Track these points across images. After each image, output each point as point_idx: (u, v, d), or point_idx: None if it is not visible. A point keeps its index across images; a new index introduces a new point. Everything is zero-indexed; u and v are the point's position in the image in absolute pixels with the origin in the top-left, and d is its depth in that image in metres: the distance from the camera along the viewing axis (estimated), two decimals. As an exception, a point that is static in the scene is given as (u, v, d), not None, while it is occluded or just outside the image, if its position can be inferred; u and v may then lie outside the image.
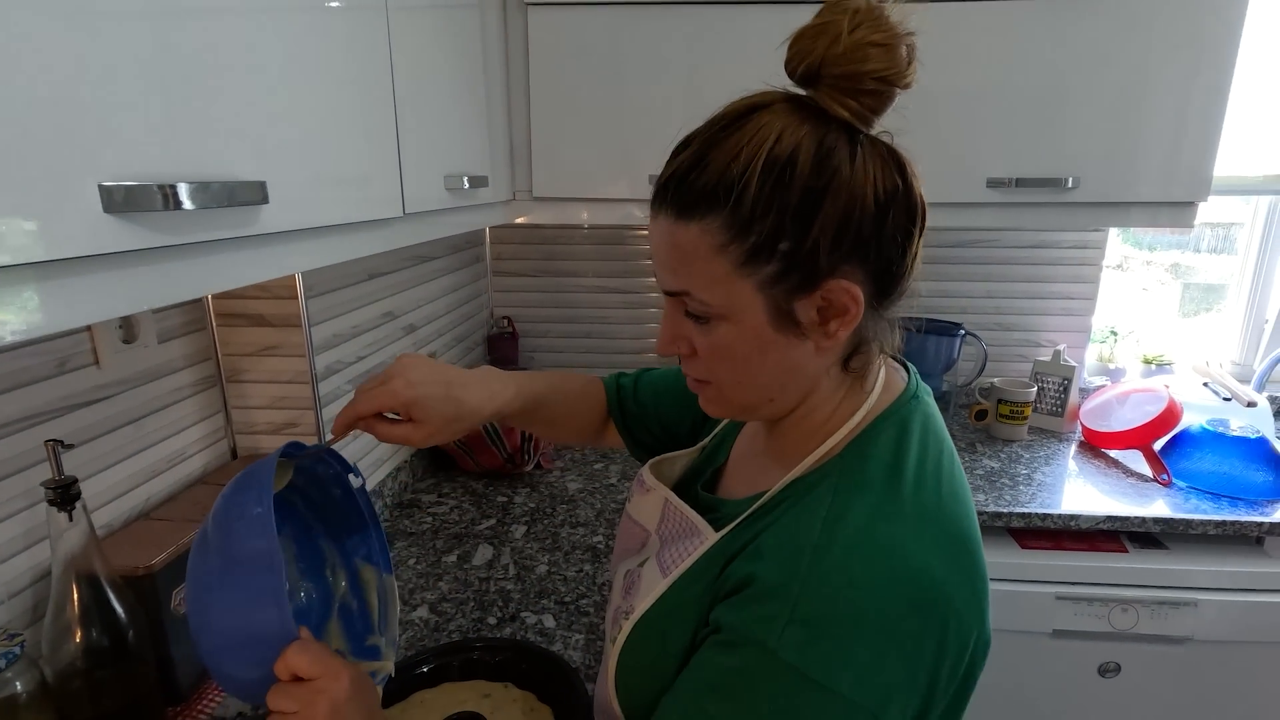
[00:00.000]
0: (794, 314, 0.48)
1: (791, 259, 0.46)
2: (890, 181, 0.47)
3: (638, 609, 0.56)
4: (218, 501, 0.53)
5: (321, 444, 0.64)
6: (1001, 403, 1.56)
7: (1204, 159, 1.28)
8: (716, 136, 0.48)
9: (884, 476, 0.49)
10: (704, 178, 0.46)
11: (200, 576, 0.51)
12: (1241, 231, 1.83)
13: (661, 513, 0.62)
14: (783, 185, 0.45)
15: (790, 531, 0.48)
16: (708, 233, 0.47)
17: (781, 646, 0.43)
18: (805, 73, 0.47)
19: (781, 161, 0.45)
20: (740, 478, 0.62)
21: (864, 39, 0.44)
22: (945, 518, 0.49)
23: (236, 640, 0.49)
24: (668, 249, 0.49)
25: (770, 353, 0.50)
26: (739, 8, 1.24)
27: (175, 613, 0.76)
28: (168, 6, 0.47)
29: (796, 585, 0.44)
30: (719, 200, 0.46)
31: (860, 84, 0.45)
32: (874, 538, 0.46)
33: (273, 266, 0.62)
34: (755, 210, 0.45)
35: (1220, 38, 1.22)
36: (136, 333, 0.83)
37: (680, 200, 0.48)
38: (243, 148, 0.55)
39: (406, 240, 0.88)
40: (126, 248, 0.44)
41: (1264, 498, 1.28)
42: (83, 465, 0.76)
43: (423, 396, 0.60)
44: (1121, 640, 1.22)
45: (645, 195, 1.35)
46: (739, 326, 0.49)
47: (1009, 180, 1.30)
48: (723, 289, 0.47)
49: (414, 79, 0.86)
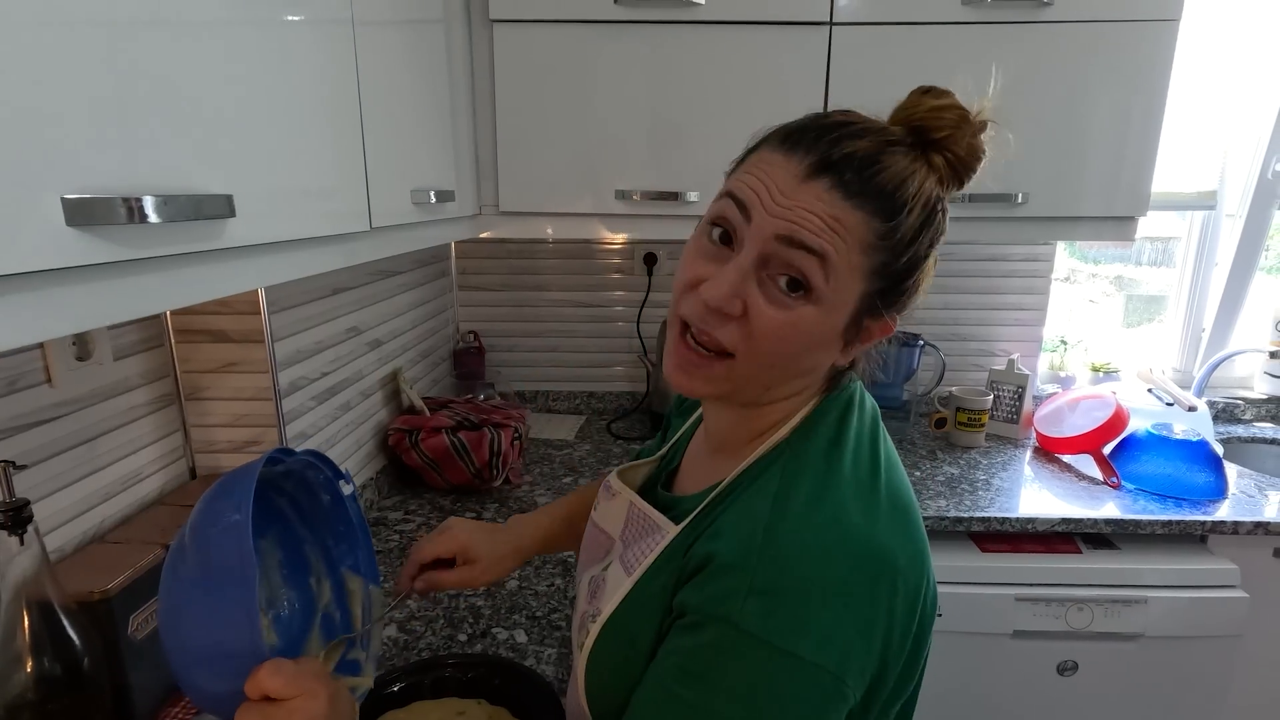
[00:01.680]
0: (859, 326, 0.53)
1: (896, 285, 0.52)
2: (935, 259, 0.55)
3: (604, 611, 0.57)
4: (197, 505, 0.52)
5: (310, 450, 0.64)
6: (960, 411, 1.61)
7: (1142, 176, 1.34)
8: (883, 145, 0.50)
9: (825, 454, 0.53)
10: (881, 180, 0.49)
11: (173, 583, 0.49)
12: (1179, 245, 1.92)
13: (626, 516, 0.64)
14: (926, 225, 0.51)
15: (744, 511, 0.51)
16: (866, 226, 0.49)
17: (744, 618, 0.45)
18: (934, 139, 0.52)
19: (932, 205, 0.51)
20: (694, 476, 0.64)
21: (977, 144, 0.53)
22: (882, 486, 0.53)
23: (206, 652, 0.48)
24: (820, 215, 0.48)
25: (818, 348, 0.53)
26: (699, 27, 1.27)
27: (133, 639, 0.73)
28: (134, 19, 0.46)
29: (753, 559, 0.47)
30: (890, 210, 0.49)
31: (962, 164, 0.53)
32: (820, 510, 0.49)
33: (238, 281, 0.61)
34: (906, 237, 0.50)
35: (1155, 63, 1.29)
36: (91, 350, 0.80)
37: (854, 186, 0.48)
38: (209, 160, 0.54)
39: (373, 254, 0.88)
40: (89, 261, 0.44)
41: (1206, 498, 1.34)
42: (34, 487, 0.73)
43: (473, 540, 0.73)
44: (1078, 639, 1.26)
45: (609, 210, 1.39)
46: (826, 316, 0.51)
47: (963, 195, 1.33)
48: (844, 279, 0.50)
49: (381, 93, 0.86)
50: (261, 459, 0.56)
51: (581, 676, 0.58)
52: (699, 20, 1.27)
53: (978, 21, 1.28)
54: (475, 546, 0.73)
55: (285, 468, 0.60)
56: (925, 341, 1.67)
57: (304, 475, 0.63)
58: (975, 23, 1.28)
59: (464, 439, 1.32)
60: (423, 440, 1.33)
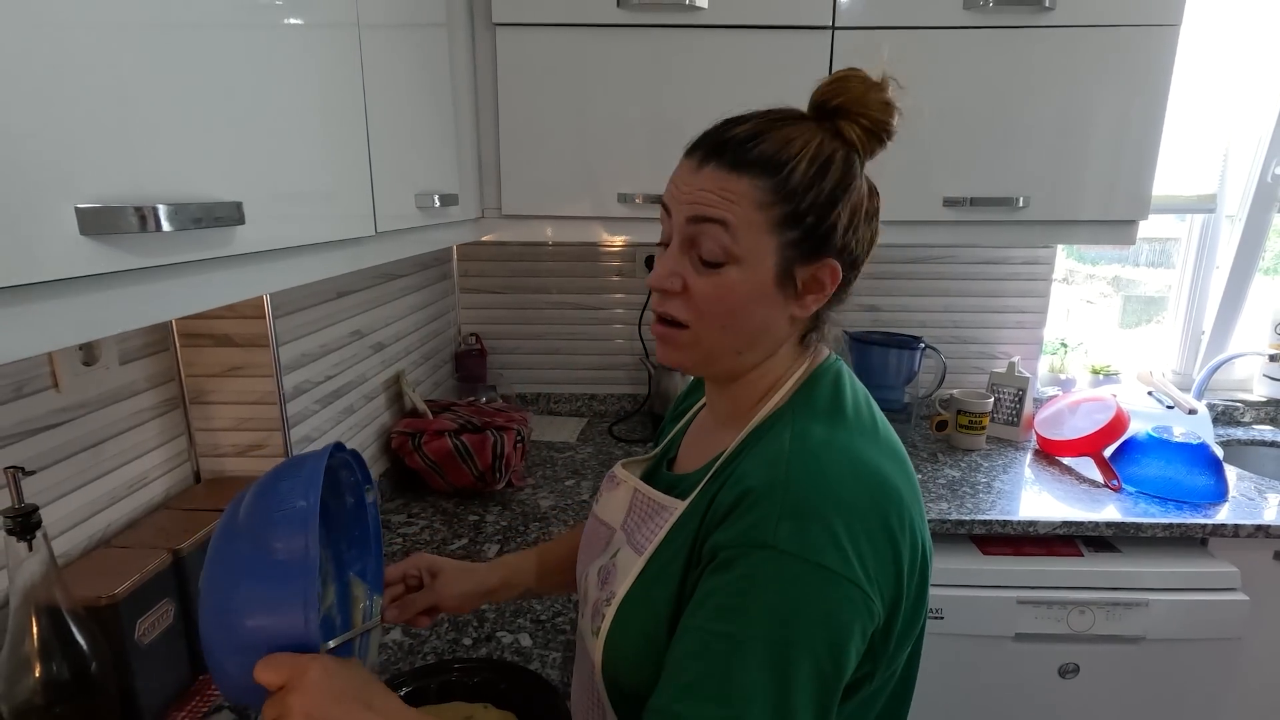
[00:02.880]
0: (793, 275, 0.58)
1: (812, 231, 0.57)
2: (874, 204, 0.61)
3: (619, 592, 0.59)
4: (259, 485, 0.51)
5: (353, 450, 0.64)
6: (960, 413, 1.61)
7: (1143, 180, 1.35)
8: (767, 124, 0.58)
9: (831, 407, 0.59)
10: (761, 149, 0.56)
11: (221, 567, 0.48)
12: (1179, 248, 1.93)
13: (629, 504, 0.67)
14: (823, 174, 0.56)
15: (764, 455, 0.55)
16: (756, 189, 0.56)
17: (779, 539, 0.49)
18: (835, 106, 0.58)
19: (824, 157, 0.57)
20: (694, 455, 0.68)
21: (876, 97, 0.58)
22: (883, 436, 0.59)
23: (252, 639, 0.47)
24: (712, 190, 0.57)
25: (760, 306, 0.58)
26: (701, 31, 1.27)
27: (139, 643, 0.73)
28: (141, 27, 0.47)
29: (779, 489, 0.51)
30: (773, 170, 0.56)
31: (869, 123, 0.58)
32: (834, 444, 0.55)
33: (247, 287, 0.61)
34: (799, 186, 0.56)
35: (1155, 67, 1.30)
36: (97, 355, 0.81)
37: (735, 158, 0.56)
38: (218, 167, 0.55)
39: (378, 258, 0.88)
40: (102, 270, 0.44)
41: (1206, 500, 1.35)
42: (41, 492, 0.74)
43: (436, 560, 0.77)
44: (1080, 641, 1.26)
45: (611, 213, 1.39)
46: (750, 274, 0.57)
47: (964, 199, 1.35)
48: (752, 237, 0.56)
49: (385, 98, 0.87)
50: (328, 448, 0.56)
51: (599, 661, 0.59)
52: (701, 24, 1.27)
53: (979, 26, 1.28)
54: (438, 562, 0.76)
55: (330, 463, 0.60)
56: (926, 344, 1.67)
57: (336, 474, 0.63)
58: (977, 27, 1.28)
59: (467, 442, 1.32)
60: (426, 443, 1.33)
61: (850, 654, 0.49)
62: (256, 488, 0.52)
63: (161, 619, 0.77)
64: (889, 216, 0.62)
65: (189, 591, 0.81)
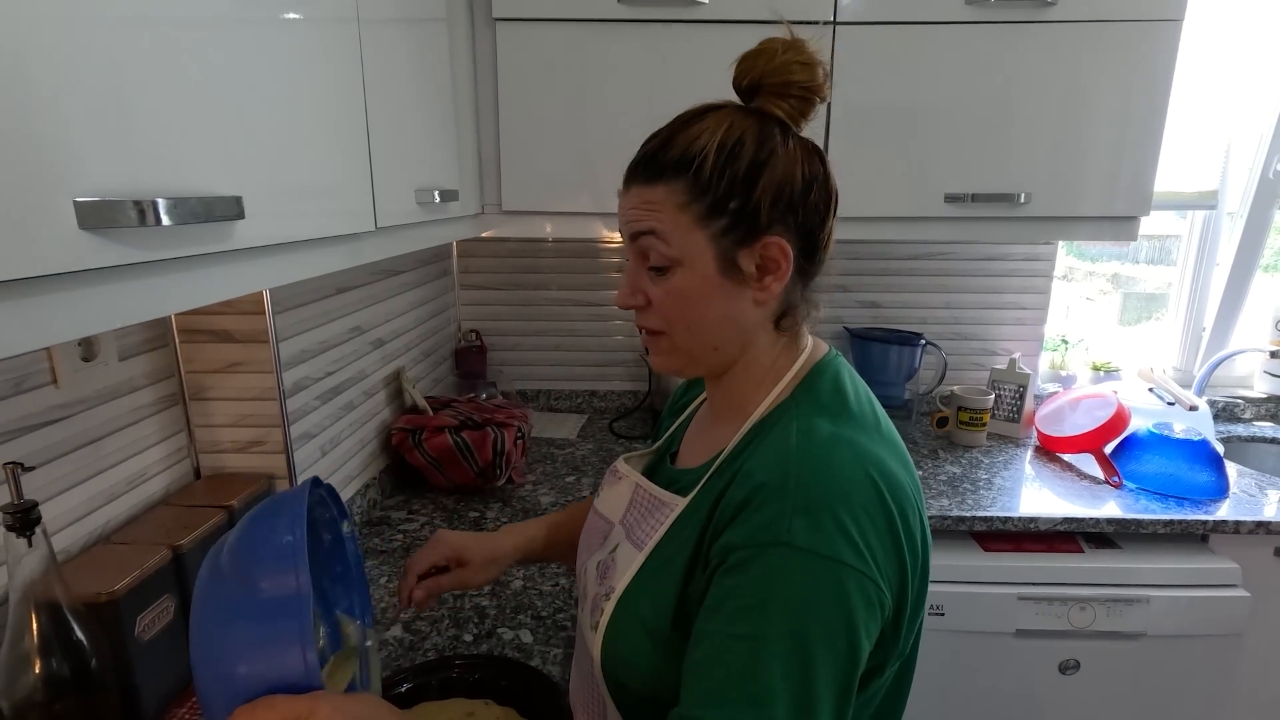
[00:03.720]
0: (737, 263, 0.58)
1: (738, 215, 0.57)
2: (814, 167, 0.59)
3: (619, 586, 0.59)
4: (241, 526, 0.50)
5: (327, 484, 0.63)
6: (961, 410, 1.61)
7: (1144, 176, 1.35)
8: (678, 127, 0.59)
9: (834, 402, 0.59)
10: (670, 153, 0.58)
11: (212, 607, 0.47)
12: (1180, 244, 1.93)
13: (630, 499, 0.67)
14: (734, 158, 0.56)
15: (771, 451, 0.55)
16: (673, 193, 0.57)
17: (793, 536, 0.49)
18: (749, 85, 0.59)
19: (733, 141, 0.56)
20: (694, 451, 0.68)
21: (791, 59, 0.57)
22: (885, 431, 0.59)
23: (249, 685, 0.45)
24: (638, 206, 0.59)
25: (716, 299, 0.59)
26: (702, 26, 1.27)
27: (139, 639, 0.73)
28: (141, 20, 0.46)
29: (791, 484, 0.51)
30: (684, 169, 0.57)
31: (789, 91, 0.58)
32: (840, 439, 0.55)
33: (247, 282, 0.61)
34: (712, 176, 0.56)
35: (1158, 63, 1.29)
36: (96, 350, 0.80)
37: (649, 170, 0.58)
38: (217, 161, 0.54)
39: (379, 254, 0.88)
40: (101, 264, 0.44)
41: (1207, 497, 1.35)
42: (40, 488, 0.73)
43: (464, 543, 0.77)
44: (1080, 638, 1.26)
45: (611, 208, 1.38)
46: (692, 272, 0.58)
47: (965, 195, 1.35)
48: (682, 238, 0.57)
49: (385, 93, 0.86)
50: (307, 483, 0.55)
51: (598, 656, 0.59)
52: (702, 19, 1.26)
53: (981, 21, 1.28)
54: (467, 549, 0.77)
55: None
56: (926, 341, 1.67)
57: (312, 512, 0.61)
58: (979, 22, 1.28)
59: (467, 438, 1.32)
60: (426, 440, 1.33)
61: (865, 645, 0.50)
62: (237, 532, 0.50)
63: (162, 615, 0.77)
64: (889, 213, 0.62)
65: (189, 588, 0.80)
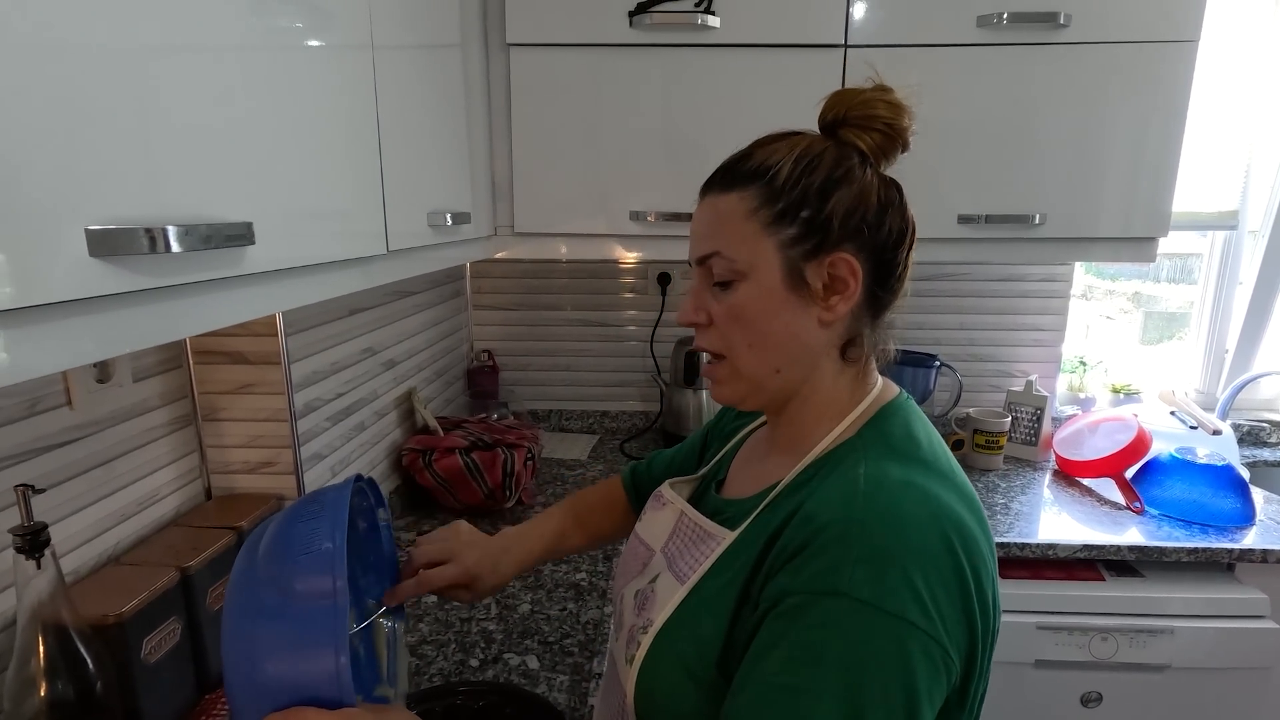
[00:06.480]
0: (804, 275, 0.56)
1: (809, 225, 0.55)
2: (890, 194, 0.58)
3: (657, 620, 0.57)
4: (277, 525, 0.49)
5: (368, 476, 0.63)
6: (977, 433, 1.59)
7: (1162, 196, 1.33)
8: (759, 144, 0.59)
9: (906, 447, 0.55)
10: (748, 164, 0.58)
11: (246, 605, 0.46)
12: (1201, 264, 1.90)
13: (674, 527, 0.65)
14: (810, 170, 0.56)
15: (835, 492, 0.51)
16: (744, 199, 0.57)
17: (854, 587, 0.45)
18: (833, 119, 0.59)
19: (811, 155, 0.57)
20: (743, 481, 0.65)
21: (878, 97, 0.57)
22: (959, 481, 0.55)
23: (278, 688, 0.44)
24: (708, 218, 0.59)
25: (780, 315, 0.57)
26: (713, 50, 1.28)
27: (145, 662, 0.73)
28: (152, 48, 0.47)
29: (855, 527, 0.48)
30: (759, 177, 0.57)
31: (873, 124, 0.57)
32: (913, 485, 0.51)
33: (258, 306, 0.62)
34: (786, 184, 0.56)
35: (1173, 84, 1.28)
36: (111, 372, 0.81)
37: (725, 180, 0.58)
38: (229, 188, 0.55)
39: (390, 277, 0.88)
40: (112, 291, 0.44)
41: (1232, 524, 1.31)
42: (51, 509, 0.74)
43: (478, 575, 0.73)
44: (1102, 669, 1.23)
45: (624, 230, 1.39)
46: (757, 285, 0.57)
47: (979, 216, 1.34)
48: (749, 246, 0.56)
49: (399, 117, 0.87)
50: (349, 481, 0.54)
51: (631, 691, 0.57)
52: (714, 44, 1.27)
53: (993, 44, 1.28)
54: (480, 580, 0.73)
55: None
56: (941, 362, 1.65)
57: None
58: (991, 44, 1.28)
59: (477, 459, 1.32)
60: (436, 461, 1.33)
61: (928, 714, 0.46)
62: (275, 530, 0.49)
63: (168, 638, 0.76)
64: None
65: (196, 610, 0.80)
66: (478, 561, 0.73)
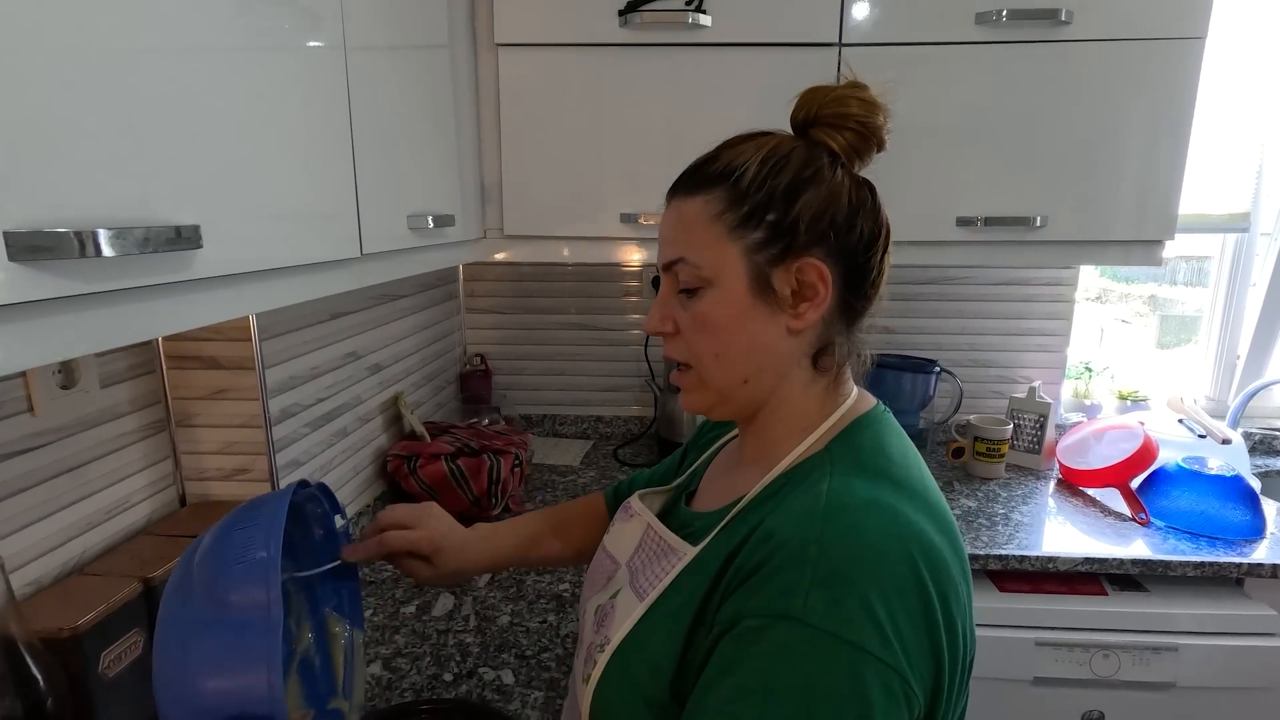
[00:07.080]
0: (770, 282, 0.54)
1: (775, 228, 0.53)
2: (862, 196, 0.56)
3: (614, 639, 0.55)
4: (213, 534, 0.48)
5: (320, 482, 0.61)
6: (978, 440, 1.55)
7: (1169, 198, 1.29)
8: (727, 145, 0.57)
9: (876, 463, 0.53)
10: (714, 165, 0.56)
11: (176, 622, 0.44)
12: (1211, 266, 1.85)
13: (640, 540, 0.63)
14: (776, 171, 0.54)
15: (796, 511, 0.49)
16: (710, 203, 0.55)
17: (809, 612, 0.43)
18: (805, 118, 0.57)
19: (778, 156, 0.54)
20: (712, 494, 0.64)
21: (850, 94, 0.55)
22: (933, 501, 0.52)
23: (212, 704, 0.42)
24: (673, 223, 0.57)
25: (746, 324, 0.55)
26: (706, 49, 1.25)
27: (104, 676, 0.71)
28: (87, 41, 0.45)
29: (813, 547, 0.45)
30: (724, 179, 0.55)
31: (845, 123, 0.55)
32: (878, 504, 0.48)
33: (216, 310, 0.60)
34: (751, 186, 0.54)
35: (1180, 82, 1.24)
36: (77, 377, 0.79)
37: (691, 183, 0.57)
38: (175, 189, 0.53)
39: (366, 280, 0.86)
40: (35, 297, 0.42)
41: (1242, 537, 1.27)
42: (13, 518, 0.72)
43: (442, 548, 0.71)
44: (1104, 688, 1.19)
45: (617, 233, 1.36)
46: (723, 292, 0.55)
47: (977, 219, 1.30)
48: (714, 252, 0.54)
49: (376, 119, 0.85)
50: (290, 489, 0.53)
51: (586, 710, 0.55)
52: (705, 43, 1.25)
53: (992, 41, 1.24)
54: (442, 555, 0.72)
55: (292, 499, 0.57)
56: (942, 368, 1.62)
57: (302, 509, 0.60)
58: (990, 42, 1.25)
59: (462, 466, 1.30)
60: (421, 467, 1.31)
61: None
62: (210, 538, 0.48)
63: (129, 651, 0.74)
64: (900, 237, 0.58)
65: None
66: (445, 535, 0.72)
